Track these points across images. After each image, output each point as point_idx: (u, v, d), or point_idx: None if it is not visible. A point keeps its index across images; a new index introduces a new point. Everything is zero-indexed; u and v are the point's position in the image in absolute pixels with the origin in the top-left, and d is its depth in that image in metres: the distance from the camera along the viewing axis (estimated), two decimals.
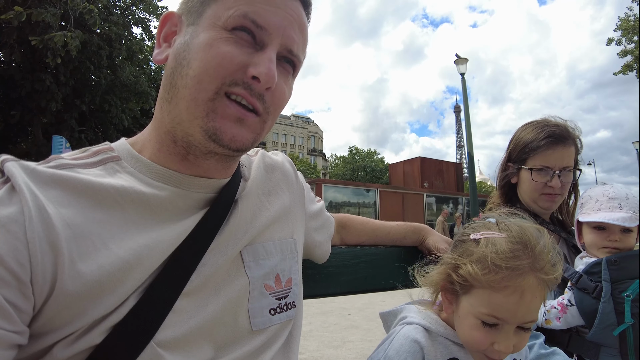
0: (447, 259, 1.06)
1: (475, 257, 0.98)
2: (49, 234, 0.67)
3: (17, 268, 0.64)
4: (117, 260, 0.72)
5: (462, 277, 0.99)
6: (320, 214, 1.33)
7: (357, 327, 6.31)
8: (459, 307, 1.02)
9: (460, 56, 15.58)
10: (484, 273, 0.94)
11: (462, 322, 1.01)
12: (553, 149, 1.68)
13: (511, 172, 1.82)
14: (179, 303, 0.79)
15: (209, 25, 0.82)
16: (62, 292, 0.67)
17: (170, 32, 0.90)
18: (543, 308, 1.47)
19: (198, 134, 0.81)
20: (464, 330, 1.00)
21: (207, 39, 0.81)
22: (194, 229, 0.84)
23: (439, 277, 1.06)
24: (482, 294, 0.96)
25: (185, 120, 0.81)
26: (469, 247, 1.02)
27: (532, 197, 1.74)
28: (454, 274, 1.01)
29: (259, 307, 0.93)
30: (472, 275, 0.96)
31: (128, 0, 17.64)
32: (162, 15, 0.90)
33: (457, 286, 1.01)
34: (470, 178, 15.11)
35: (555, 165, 1.69)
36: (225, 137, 0.81)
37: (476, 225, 1.08)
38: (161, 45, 0.91)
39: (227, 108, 0.81)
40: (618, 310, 1.33)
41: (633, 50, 20.04)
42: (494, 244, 0.97)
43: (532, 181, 1.71)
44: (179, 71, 0.82)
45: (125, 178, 0.82)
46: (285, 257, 1.03)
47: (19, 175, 0.71)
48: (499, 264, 0.93)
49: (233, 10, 0.81)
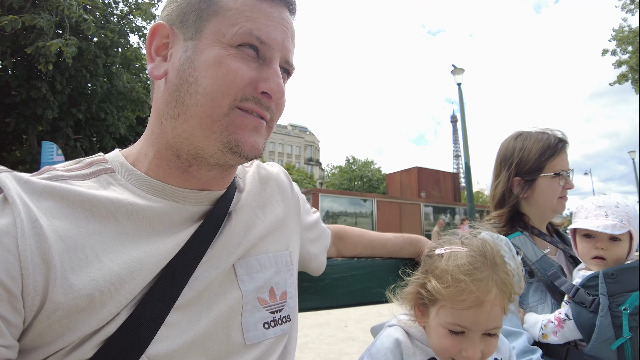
0: (415, 277, 1.14)
1: (437, 272, 1.06)
2: (41, 246, 0.67)
3: (8, 281, 0.63)
4: (109, 273, 0.72)
5: (428, 292, 1.06)
6: (316, 225, 1.32)
7: (354, 339, 6.26)
8: (428, 318, 1.08)
9: (457, 66, 15.70)
10: (444, 287, 1.01)
11: (432, 331, 1.07)
12: (565, 152, 1.78)
13: (521, 186, 1.79)
14: (171, 317, 0.79)
15: (213, 42, 0.83)
16: (53, 306, 0.67)
17: (161, 45, 0.90)
18: (540, 322, 1.47)
19: (214, 148, 0.83)
20: (434, 339, 1.07)
21: (215, 56, 0.82)
22: (187, 242, 0.84)
23: (410, 295, 1.14)
24: (446, 306, 1.03)
25: (198, 135, 0.83)
26: (434, 261, 1.10)
27: (551, 203, 1.75)
28: (423, 290, 1.08)
29: (253, 321, 0.93)
30: (435, 290, 1.03)
31: (125, 9, 17.72)
32: (151, 28, 0.90)
33: (425, 300, 1.08)
34: (467, 188, 15.14)
35: (567, 167, 1.77)
36: (246, 147, 0.84)
37: (442, 240, 1.16)
38: (154, 59, 0.90)
39: (245, 119, 0.85)
40: (616, 323, 1.32)
41: (628, 61, 20.27)
42: (455, 258, 1.05)
43: (554, 186, 1.74)
44: (186, 89, 0.83)
45: (118, 190, 0.82)
46: (280, 270, 1.03)
47: (12, 187, 0.70)
48: (459, 277, 1.01)
49: (237, 27, 0.83)
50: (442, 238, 1.17)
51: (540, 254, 1.60)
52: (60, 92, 14.82)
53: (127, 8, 17.72)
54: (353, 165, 68.30)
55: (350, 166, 68.36)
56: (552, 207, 1.76)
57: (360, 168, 67.68)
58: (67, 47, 11.74)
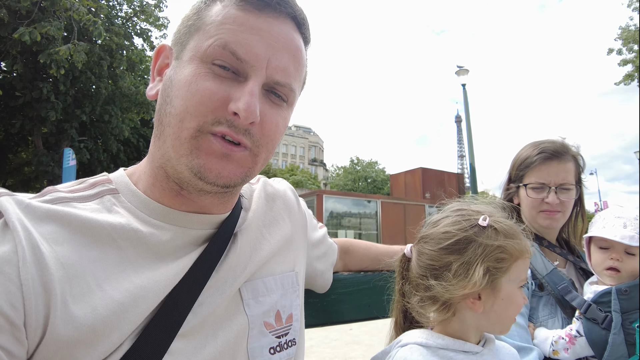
0: (474, 258, 0.99)
1: (500, 237, 1.01)
2: (43, 275, 0.65)
3: (10, 312, 0.62)
4: (112, 302, 0.70)
5: (503, 260, 0.99)
6: (323, 241, 1.30)
7: (359, 342, 6.25)
8: (499, 292, 1.00)
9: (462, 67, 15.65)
10: (519, 239, 1.02)
11: (507, 303, 1.01)
12: (548, 165, 1.69)
13: (512, 192, 1.81)
14: (175, 344, 0.77)
15: (190, 58, 0.80)
16: (53, 337, 0.65)
17: (163, 65, 0.89)
18: (551, 337, 1.44)
19: (185, 172, 0.79)
20: (513, 308, 1.02)
21: (187, 74, 0.79)
22: (191, 268, 0.82)
23: (478, 276, 0.97)
24: (519, 264, 1.02)
25: (172, 157, 0.80)
26: (486, 234, 1.01)
27: (530, 215, 1.72)
28: (494, 262, 0.99)
29: (259, 347, 0.90)
30: (518, 250, 1.01)
31: (129, 11, 17.82)
32: (156, 49, 0.89)
33: (496, 274, 0.99)
34: (472, 189, 15.09)
35: (550, 181, 1.68)
36: (210, 174, 0.78)
37: (462, 215, 1.08)
38: (154, 79, 0.89)
39: (212, 144, 0.77)
40: (629, 341, 1.30)
41: (634, 60, 20.13)
42: (495, 220, 1.04)
43: (528, 198, 1.70)
44: (164, 109, 0.81)
45: (122, 213, 0.80)
46: (286, 292, 1.00)
47: (13, 212, 0.69)
48: (513, 226, 1.05)
49: (213, 40, 0.78)
50: (448, 208, 1.16)
51: (551, 267, 1.57)
52: (64, 93, 14.94)
53: (132, 10, 17.81)
54: (357, 166, 68.26)
55: (355, 167, 68.32)
56: (533, 219, 1.72)
57: (364, 169, 67.61)
58: (76, 53, 11.88)
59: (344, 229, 20.07)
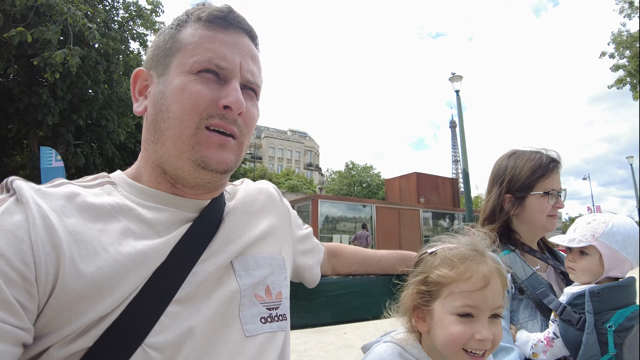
0: (413, 278, 1.17)
1: (437, 262, 1.12)
2: (52, 238, 0.74)
3: (23, 267, 0.70)
4: (115, 264, 0.79)
5: (431, 283, 1.10)
6: (308, 238, 1.39)
7: (352, 346, 6.28)
8: (433, 316, 1.09)
9: (455, 74, 15.79)
10: (451, 269, 1.08)
11: (439, 327, 1.07)
12: (557, 172, 1.83)
13: (512, 203, 1.85)
14: (171, 308, 0.85)
15: (177, 73, 0.95)
16: (62, 291, 0.73)
17: (143, 87, 1.04)
18: (531, 341, 1.51)
19: (187, 166, 0.94)
20: (442, 333, 1.06)
21: (178, 84, 0.94)
22: (184, 236, 0.92)
23: (409, 298, 1.15)
24: (453, 289, 1.06)
25: (173, 155, 0.94)
26: (428, 260, 1.16)
27: (540, 221, 1.80)
28: (423, 286, 1.11)
29: (250, 315, 0.97)
30: (441, 276, 1.08)
31: (126, 16, 17.82)
32: (133, 73, 1.05)
33: (427, 296, 1.11)
34: (465, 194, 15.19)
35: (558, 187, 1.81)
36: (212, 162, 0.94)
37: (427, 246, 1.24)
38: (138, 99, 1.04)
39: (209, 138, 0.94)
40: (602, 340, 1.36)
41: (625, 65, 20.31)
42: (450, 249, 1.13)
43: (543, 205, 1.79)
44: (161, 116, 0.95)
45: (120, 197, 0.92)
46: (274, 270, 1.08)
47: (26, 190, 0.79)
48: (460, 257, 1.09)
49: (198, 57, 0.95)
50: (427, 245, 1.24)
51: (530, 272, 1.65)
52: (61, 98, 14.90)
53: (128, 15, 17.80)
54: (352, 171, 68.21)
55: (350, 171, 68.27)
56: (542, 224, 1.81)
57: (359, 173, 67.59)
58: (71, 57, 11.89)
59: (339, 233, 20.11)
